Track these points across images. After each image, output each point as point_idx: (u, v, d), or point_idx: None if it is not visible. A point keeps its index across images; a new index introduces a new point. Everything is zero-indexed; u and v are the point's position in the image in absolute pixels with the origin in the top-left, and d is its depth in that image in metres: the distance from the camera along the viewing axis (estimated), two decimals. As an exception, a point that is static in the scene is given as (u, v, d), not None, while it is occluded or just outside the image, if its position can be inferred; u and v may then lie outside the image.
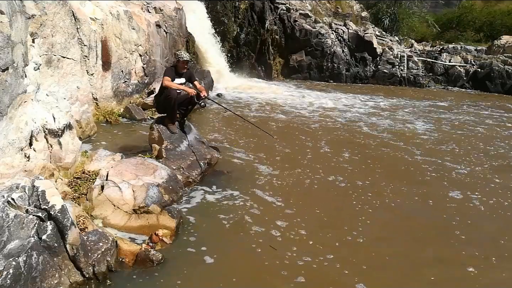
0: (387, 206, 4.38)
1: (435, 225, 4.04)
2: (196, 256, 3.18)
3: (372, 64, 14.07)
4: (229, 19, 13.09)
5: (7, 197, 2.72)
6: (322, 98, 10.55)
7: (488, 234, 3.93)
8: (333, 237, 3.64)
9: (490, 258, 3.47)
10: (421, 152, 6.32)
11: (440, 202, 4.52)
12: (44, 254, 2.59)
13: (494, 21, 19.51)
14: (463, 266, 3.33)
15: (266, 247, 3.35)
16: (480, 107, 10.77)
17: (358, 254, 3.38)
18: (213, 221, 3.75)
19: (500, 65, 13.74)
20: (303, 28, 13.46)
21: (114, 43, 6.72)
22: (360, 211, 4.19)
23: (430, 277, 3.14)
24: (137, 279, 2.87)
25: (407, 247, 3.59)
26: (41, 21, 4.63)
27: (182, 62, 4.74)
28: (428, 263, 3.35)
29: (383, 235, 3.79)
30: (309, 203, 4.28)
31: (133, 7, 7.88)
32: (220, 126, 7.13)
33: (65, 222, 2.73)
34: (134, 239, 3.27)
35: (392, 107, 10.06)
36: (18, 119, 3.32)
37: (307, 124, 7.77)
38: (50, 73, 4.90)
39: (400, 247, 3.59)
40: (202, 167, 4.67)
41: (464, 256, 3.49)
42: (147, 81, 7.93)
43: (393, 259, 3.36)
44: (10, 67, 3.14)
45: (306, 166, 5.35)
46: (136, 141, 5.55)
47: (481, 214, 4.33)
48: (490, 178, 5.36)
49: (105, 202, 3.48)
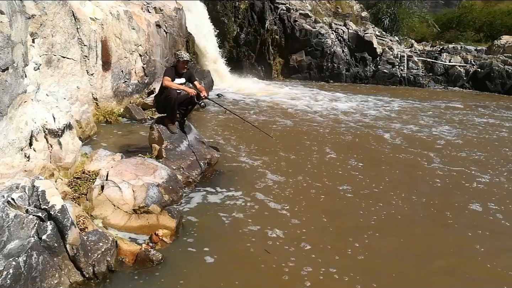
0: (396, 217, 4.07)
1: (451, 239, 3.71)
2: (196, 256, 3.18)
3: (372, 64, 14.07)
4: (229, 19, 13.10)
5: (7, 197, 2.72)
6: (320, 97, 10.56)
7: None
8: (334, 246, 3.43)
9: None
10: (440, 160, 5.84)
11: (458, 214, 4.19)
12: (44, 254, 2.59)
13: (494, 21, 19.50)
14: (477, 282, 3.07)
15: (266, 248, 3.35)
16: (491, 108, 10.53)
17: (361, 269, 3.12)
18: (213, 221, 3.75)
19: (500, 65, 13.74)
20: (303, 28, 13.46)
21: (114, 43, 6.72)
22: (366, 221, 3.91)
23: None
24: (137, 279, 2.86)
25: (417, 263, 3.28)
26: (41, 21, 4.63)
27: (182, 62, 4.74)
28: (440, 280, 3.08)
29: (391, 249, 3.48)
30: (310, 204, 4.28)
31: (133, 7, 7.88)
32: (220, 126, 7.13)
33: (65, 222, 2.73)
34: (134, 239, 3.27)
35: (403, 108, 9.75)
36: (18, 119, 3.32)
37: (308, 124, 7.76)
38: (50, 73, 4.90)
39: (410, 263, 3.29)
40: (202, 167, 4.67)
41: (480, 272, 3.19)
42: (147, 81, 7.93)
43: (401, 277, 3.07)
44: (10, 67, 3.14)
45: (308, 168, 5.32)
46: (136, 141, 5.55)
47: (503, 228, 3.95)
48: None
49: (105, 202, 3.48)
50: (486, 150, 6.61)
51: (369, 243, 3.52)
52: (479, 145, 6.93)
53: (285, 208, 4.08)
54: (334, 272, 3.04)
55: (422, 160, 5.90)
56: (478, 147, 6.77)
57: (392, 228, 3.88)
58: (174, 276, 2.92)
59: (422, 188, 4.86)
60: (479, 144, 6.97)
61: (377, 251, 3.41)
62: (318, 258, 3.22)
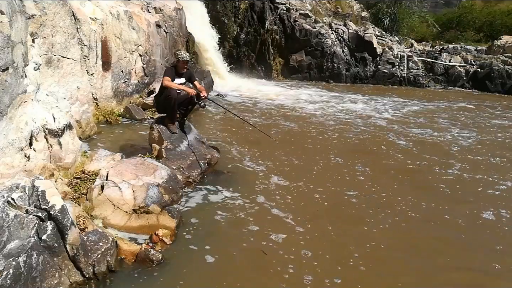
0: (404, 226, 3.88)
1: (462, 253, 3.48)
2: (196, 256, 3.18)
3: (372, 64, 14.07)
4: (229, 19, 13.10)
5: (7, 197, 2.72)
6: (319, 97, 10.56)
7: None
8: (335, 254, 3.32)
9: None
10: (459, 166, 5.55)
11: (471, 225, 3.96)
12: (44, 254, 2.59)
13: (494, 21, 19.51)
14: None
15: (267, 248, 3.35)
16: (497, 109, 10.46)
17: (363, 280, 2.98)
18: (213, 221, 3.75)
19: (500, 65, 13.74)
20: (303, 28, 13.46)
21: (114, 43, 6.72)
22: (369, 230, 3.73)
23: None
24: (137, 279, 2.87)
25: (423, 275, 3.12)
26: (41, 21, 4.63)
27: (182, 62, 4.74)
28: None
29: (397, 264, 3.29)
30: (310, 204, 4.28)
31: (133, 7, 7.89)
32: (220, 126, 7.13)
33: (65, 222, 2.73)
34: (134, 239, 3.27)
35: (416, 111, 9.55)
36: (18, 119, 3.32)
37: (308, 124, 7.77)
38: (50, 73, 4.90)
39: (416, 274, 3.15)
40: (202, 167, 4.67)
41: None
42: (147, 81, 7.93)
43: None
44: (10, 67, 3.14)
45: (309, 169, 5.31)
46: (136, 141, 5.55)
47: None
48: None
49: (105, 202, 3.48)
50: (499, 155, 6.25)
51: (372, 253, 3.36)
52: (493, 150, 6.53)
53: (285, 209, 4.08)
54: (336, 283, 2.95)
55: (435, 166, 5.59)
56: (490, 151, 6.38)
57: (397, 236, 3.70)
58: (174, 276, 2.92)
59: (433, 195, 4.61)
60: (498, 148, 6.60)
61: (381, 263, 3.25)
62: (318, 268, 3.12)
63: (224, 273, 3.02)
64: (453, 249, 3.58)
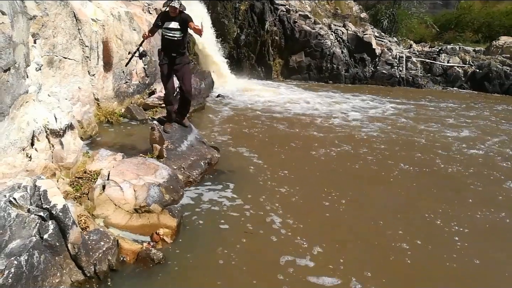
0: (408, 242, 3.62)
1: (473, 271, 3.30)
2: (197, 256, 3.19)
3: (371, 65, 14.10)
4: (229, 20, 13.13)
5: (9, 196, 2.74)
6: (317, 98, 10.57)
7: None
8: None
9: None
10: (471, 171, 5.34)
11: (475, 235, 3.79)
12: (46, 253, 2.61)
13: (493, 22, 19.54)
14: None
15: (267, 248, 3.37)
16: (499, 109, 10.48)
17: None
18: (213, 220, 3.77)
19: (499, 65, 13.78)
20: (303, 29, 13.49)
21: (115, 44, 6.74)
22: (369, 251, 3.44)
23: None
24: (138, 278, 2.88)
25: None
26: (43, 22, 4.65)
27: (170, 6, 4.66)
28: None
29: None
30: (311, 203, 4.29)
31: (134, 8, 7.91)
32: (220, 126, 7.14)
33: (66, 221, 2.75)
34: (135, 238, 3.29)
35: (419, 112, 9.51)
36: (20, 119, 3.34)
37: (308, 124, 7.78)
38: (51, 73, 4.92)
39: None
40: (202, 167, 4.69)
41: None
42: (148, 81, 7.94)
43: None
44: (12, 67, 3.16)
45: (310, 170, 5.33)
46: (137, 141, 5.56)
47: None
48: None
49: (107, 201, 3.49)
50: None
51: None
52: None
53: (285, 209, 4.10)
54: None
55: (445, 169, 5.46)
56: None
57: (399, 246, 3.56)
58: (175, 275, 2.94)
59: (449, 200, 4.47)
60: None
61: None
62: (318, 267, 3.13)
63: (225, 272, 3.03)
64: (465, 269, 3.28)
